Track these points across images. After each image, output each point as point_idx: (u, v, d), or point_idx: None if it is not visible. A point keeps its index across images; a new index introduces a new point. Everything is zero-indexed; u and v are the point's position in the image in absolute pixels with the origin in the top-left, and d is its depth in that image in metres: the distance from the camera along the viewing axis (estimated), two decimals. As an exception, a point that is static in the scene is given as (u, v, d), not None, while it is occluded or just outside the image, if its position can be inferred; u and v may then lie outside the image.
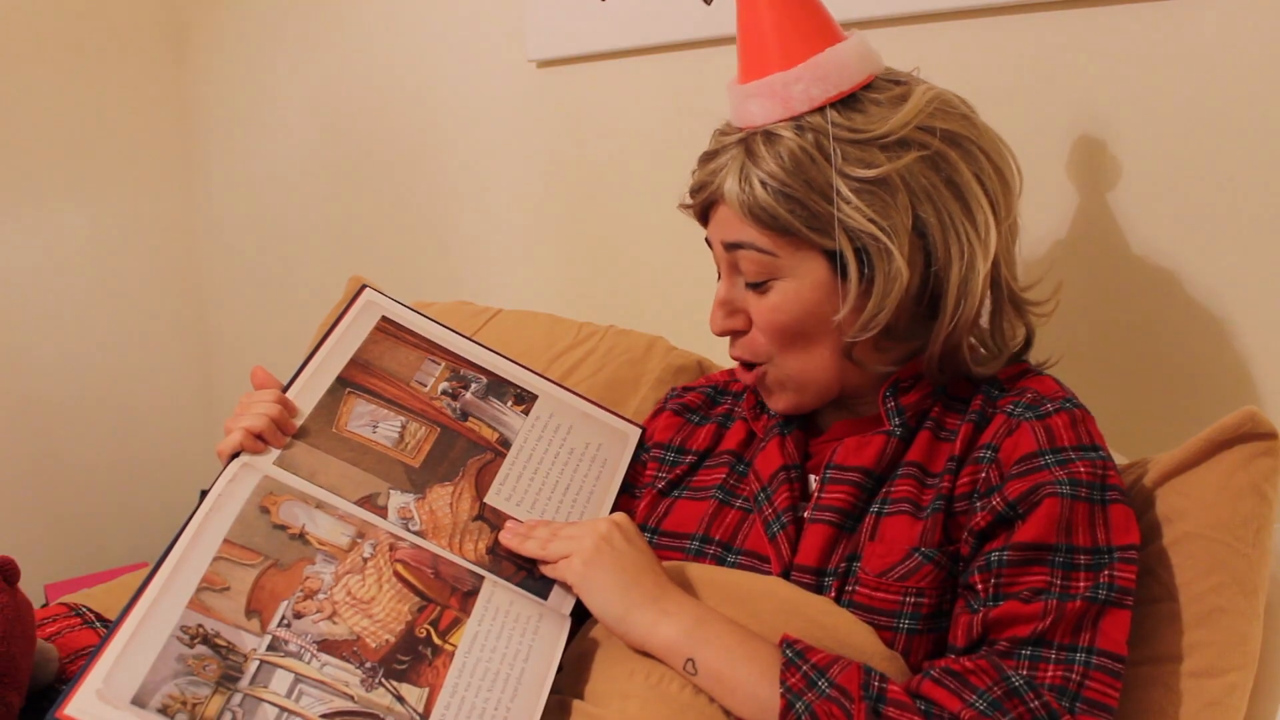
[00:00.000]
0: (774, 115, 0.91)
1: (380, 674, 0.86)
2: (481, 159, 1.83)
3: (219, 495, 0.93)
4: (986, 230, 0.90)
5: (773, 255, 0.91)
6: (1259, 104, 1.00)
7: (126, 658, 0.81)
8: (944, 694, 0.79)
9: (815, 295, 0.92)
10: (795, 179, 0.88)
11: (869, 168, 0.88)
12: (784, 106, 0.90)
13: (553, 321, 1.49)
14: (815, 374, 0.95)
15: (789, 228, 0.89)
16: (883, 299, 0.90)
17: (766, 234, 0.91)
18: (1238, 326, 1.04)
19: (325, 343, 1.07)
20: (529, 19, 1.65)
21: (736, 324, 0.97)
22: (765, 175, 0.89)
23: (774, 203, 0.89)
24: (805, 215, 0.89)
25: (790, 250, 0.91)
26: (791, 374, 0.96)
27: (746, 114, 0.93)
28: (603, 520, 0.96)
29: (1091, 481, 0.84)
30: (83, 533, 2.34)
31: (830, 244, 0.89)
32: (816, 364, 0.95)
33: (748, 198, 0.90)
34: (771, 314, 0.93)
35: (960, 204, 0.90)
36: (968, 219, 0.90)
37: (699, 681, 0.86)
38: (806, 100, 0.90)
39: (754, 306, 0.95)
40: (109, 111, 2.33)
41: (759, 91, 0.91)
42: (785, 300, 0.92)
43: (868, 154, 0.88)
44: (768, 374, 0.97)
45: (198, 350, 2.51)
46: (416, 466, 1.02)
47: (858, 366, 0.95)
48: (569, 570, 0.94)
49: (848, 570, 0.91)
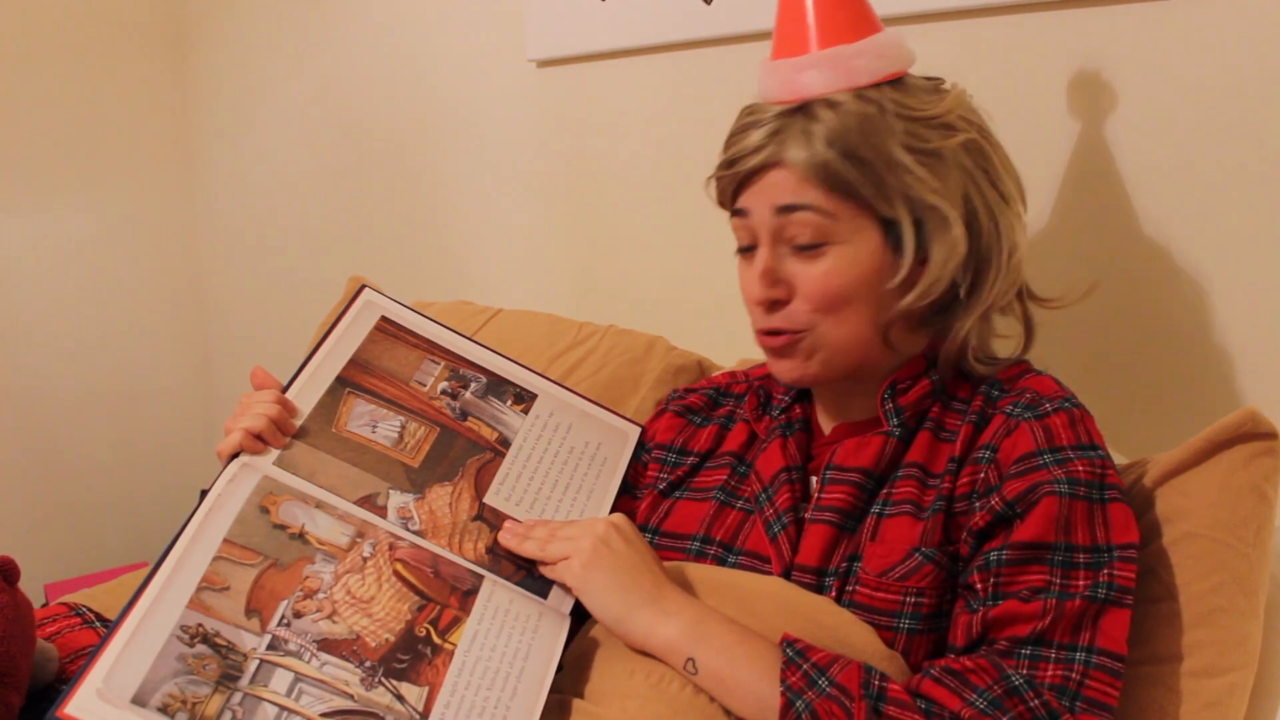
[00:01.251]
0: (836, 85, 0.92)
1: (380, 673, 0.86)
2: (481, 159, 1.83)
3: (219, 495, 0.93)
4: (1019, 215, 0.95)
5: (832, 219, 0.91)
6: (1259, 104, 1.00)
7: (126, 657, 0.81)
8: (944, 693, 0.79)
9: (870, 262, 0.92)
10: (865, 142, 0.89)
11: (926, 143, 0.90)
12: (847, 77, 0.92)
13: (553, 321, 1.49)
14: (850, 345, 0.94)
15: (853, 190, 0.90)
16: (942, 267, 0.91)
17: (830, 196, 0.91)
18: (1238, 326, 1.04)
19: (324, 343, 1.07)
20: (529, 19, 1.65)
21: (779, 293, 0.94)
22: (834, 135, 0.90)
23: (842, 162, 0.90)
24: (871, 180, 0.90)
25: (850, 215, 0.91)
26: (829, 341, 0.94)
27: (797, 85, 0.93)
28: (601, 521, 0.96)
29: (1090, 480, 0.84)
30: (83, 533, 2.34)
31: (890, 212, 0.91)
32: (854, 335, 0.94)
33: (815, 157, 0.90)
34: (824, 278, 0.92)
35: (996, 191, 0.94)
36: (1006, 204, 0.94)
37: (699, 681, 0.86)
38: (869, 74, 0.92)
39: (802, 274, 0.93)
40: (109, 110, 2.33)
41: (820, 62, 0.92)
42: (840, 265, 0.92)
43: (925, 130, 0.91)
44: (802, 340, 0.95)
45: (198, 350, 2.51)
46: (416, 466, 1.02)
47: (888, 348, 0.95)
48: (568, 572, 0.94)
49: (848, 570, 0.91)
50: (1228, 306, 1.04)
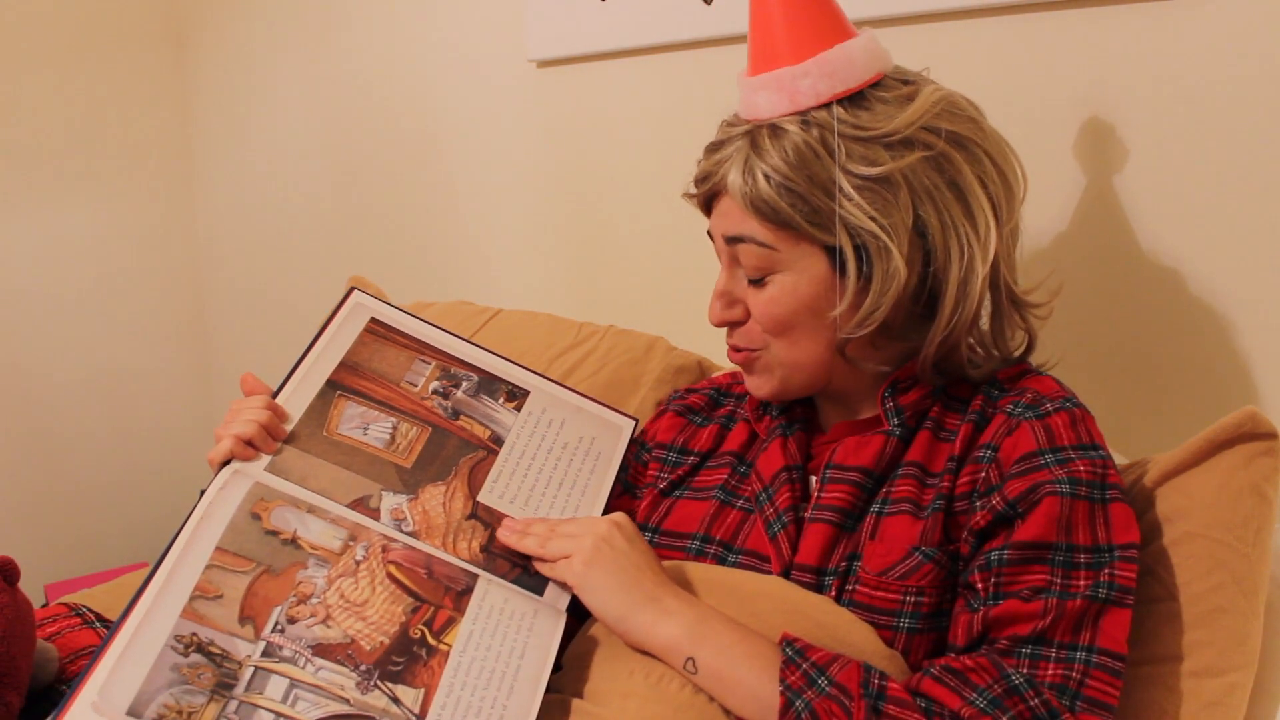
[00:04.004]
0: (780, 109, 0.91)
1: (375, 676, 0.85)
2: (481, 159, 1.83)
3: (210, 503, 0.93)
4: (987, 232, 0.90)
5: (772, 249, 0.92)
6: (1260, 104, 1.00)
7: (121, 669, 0.81)
8: (944, 692, 0.79)
9: (812, 289, 0.92)
10: (798, 174, 0.89)
11: (872, 165, 0.88)
12: (790, 101, 0.91)
13: (553, 321, 1.49)
14: (804, 365, 0.96)
15: (789, 222, 0.90)
16: (880, 296, 0.90)
17: (767, 227, 0.91)
18: (1238, 326, 1.04)
19: (314, 347, 1.06)
20: (529, 19, 1.65)
21: (734, 315, 0.97)
22: (769, 169, 0.90)
23: (776, 196, 0.89)
24: (806, 210, 0.89)
25: (790, 244, 0.91)
26: (782, 360, 0.96)
27: (753, 106, 0.93)
28: (603, 520, 0.96)
29: (1091, 480, 0.84)
30: (83, 533, 2.34)
31: (830, 240, 0.90)
32: (807, 356, 0.95)
33: (750, 190, 0.90)
34: (768, 306, 0.94)
35: (962, 206, 0.90)
36: (968, 221, 0.90)
37: (699, 680, 0.86)
38: (813, 95, 0.90)
39: (752, 298, 0.95)
40: (109, 111, 2.33)
41: (766, 85, 0.92)
42: (782, 293, 0.93)
43: (871, 151, 0.89)
44: (759, 358, 0.98)
45: (197, 350, 2.51)
46: (408, 467, 1.02)
47: (850, 364, 0.95)
48: (568, 570, 0.94)
49: (848, 569, 0.91)
50: (1228, 306, 1.04)
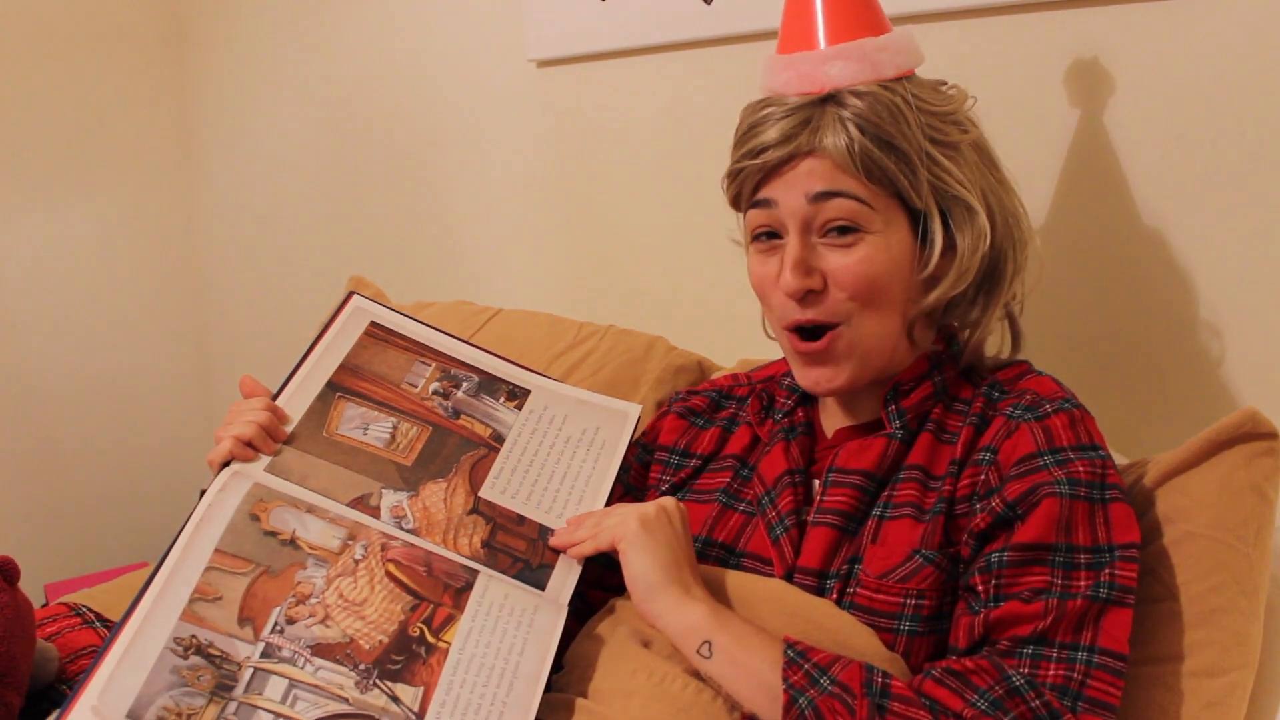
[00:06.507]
0: (861, 77, 0.92)
1: (374, 675, 0.85)
2: (481, 159, 1.82)
3: (209, 505, 0.93)
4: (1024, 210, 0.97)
5: (869, 206, 0.91)
6: (1260, 104, 1.00)
7: (121, 673, 0.81)
8: (946, 693, 0.79)
9: (901, 253, 0.92)
10: (896, 130, 0.90)
11: (946, 136, 0.92)
12: (873, 70, 0.92)
13: (553, 321, 1.49)
14: (884, 343, 0.94)
15: (890, 178, 0.90)
16: (972, 255, 0.92)
17: (866, 184, 0.91)
18: (1238, 326, 1.04)
19: (314, 349, 1.06)
20: (529, 19, 1.64)
21: (814, 283, 0.92)
22: (868, 124, 0.90)
23: (879, 150, 0.90)
24: (906, 168, 0.91)
25: (883, 204, 0.91)
26: (865, 337, 0.93)
27: (822, 77, 0.92)
28: (669, 499, 0.95)
29: (1091, 481, 0.84)
30: (83, 532, 2.34)
31: (919, 203, 0.91)
32: (886, 330, 0.93)
33: (854, 144, 0.90)
34: (862, 265, 0.91)
35: (1004, 188, 0.96)
36: (1012, 200, 0.96)
37: (711, 665, 0.86)
38: (894, 67, 0.93)
39: (836, 262, 0.92)
40: (108, 110, 2.33)
41: (845, 54, 0.93)
42: (876, 252, 0.91)
43: (945, 125, 0.93)
44: (841, 338, 0.93)
45: (198, 349, 2.51)
46: (409, 465, 1.01)
47: (910, 346, 0.96)
48: (624, 527, 0.92)
49: (849, 572, 0.91)
50: (1228, 306, 1.04)
